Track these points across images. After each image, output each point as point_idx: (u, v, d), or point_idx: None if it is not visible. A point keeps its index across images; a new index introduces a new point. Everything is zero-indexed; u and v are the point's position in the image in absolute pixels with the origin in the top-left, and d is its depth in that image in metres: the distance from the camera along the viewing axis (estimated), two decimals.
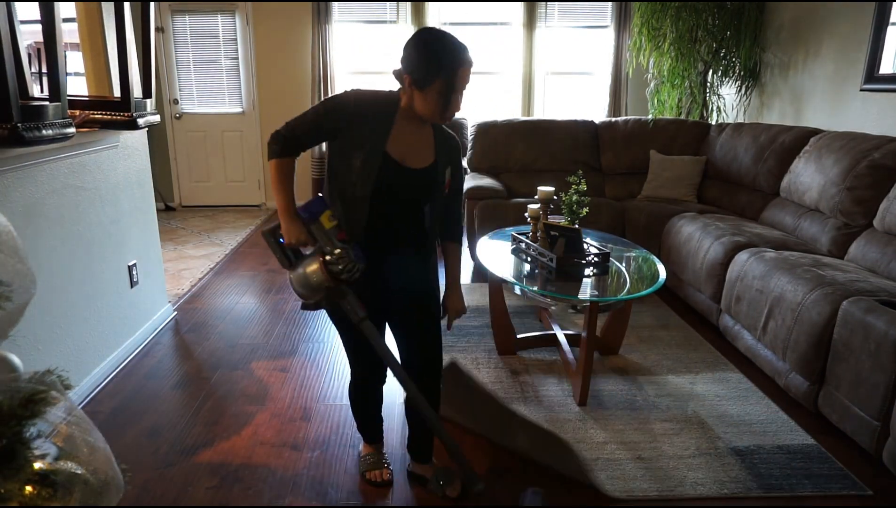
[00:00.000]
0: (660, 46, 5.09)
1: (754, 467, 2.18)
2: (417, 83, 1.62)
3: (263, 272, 4.33)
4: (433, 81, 1.60)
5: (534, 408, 2.54)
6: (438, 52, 1.60)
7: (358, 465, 2.17)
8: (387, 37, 6.02)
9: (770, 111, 4.91)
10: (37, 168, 2.31)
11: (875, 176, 3.02)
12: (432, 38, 1.62)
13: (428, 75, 1.60)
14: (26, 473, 0.80)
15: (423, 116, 1.68)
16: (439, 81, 1.60)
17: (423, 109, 1.65)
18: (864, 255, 2.94)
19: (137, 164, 3.15)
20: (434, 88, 1.61)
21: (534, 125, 4.89)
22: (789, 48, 4.62)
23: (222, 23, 6.00)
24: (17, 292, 0.91)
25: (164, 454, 2.23)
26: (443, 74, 1.59)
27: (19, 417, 0.79)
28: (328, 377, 2.83)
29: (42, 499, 0.80)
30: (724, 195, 4.31)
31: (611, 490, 2.05)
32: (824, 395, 2.38)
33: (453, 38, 1.61)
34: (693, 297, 3.53)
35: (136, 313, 3.11)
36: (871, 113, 3.73)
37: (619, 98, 6.02)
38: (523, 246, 3.01)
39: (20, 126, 1.83)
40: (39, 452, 0.83)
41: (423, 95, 1.62)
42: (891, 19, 3.58)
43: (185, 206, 6.47)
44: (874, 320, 2.13)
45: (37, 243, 2.31)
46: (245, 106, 6.22)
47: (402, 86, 1.68)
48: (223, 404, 2.58)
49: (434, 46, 1.60)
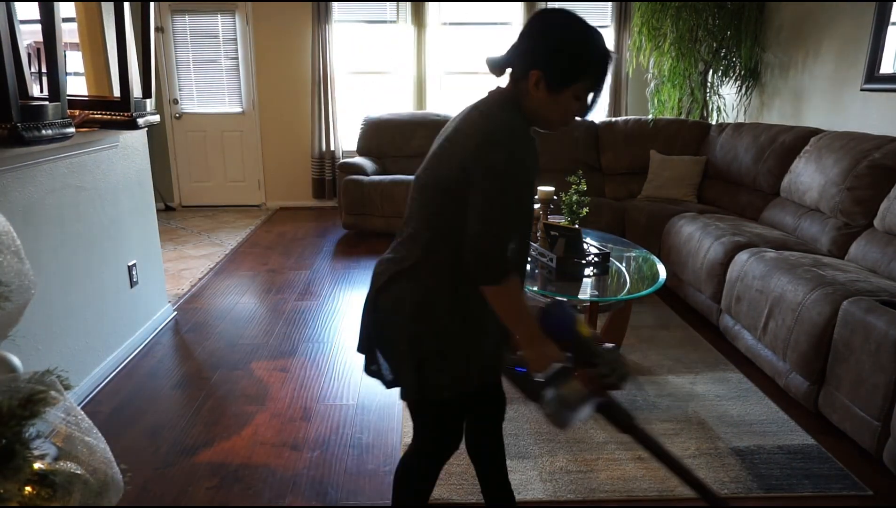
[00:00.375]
0: (660, 46, 5.09)
1: (754, 467, 2.18)
2: (554, 83, 1.25)
3: (263, 272, 4.33)
4: (577, 80, 1.25)
5: (534, 408, 2.54)
6: (587, 43, 1.25)
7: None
8: (387, 37, 6.02)
9: (770, 111, 4.91)
10: (36, 168, 2.31)
11: (875, 176, 3.02)
12: (574, 24, 1.26)
13: (571, 73, 1.25)
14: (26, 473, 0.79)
15: (543, 124, 1.33)
16: (584, 81, 1.26)
17: (550, 116, 1.30)
18: (865, 255, 2.94)
19: (137, 164, 3.15)
20: (573, 91, 1.27)
21: None
22: (789, 48, 4.62)
23: (222, 23, 6.00)
24: (17, 292, 0.91)
25: (164, 454, 2.23)
26: (591, 71, 1.26)
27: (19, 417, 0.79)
28: (328, 377, 2.83)
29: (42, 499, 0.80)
30: (725, 195, 4.31)
31: (611, 490, 2.05)
32: (824, 395, 2.38)
33: (591, 26, 1.28)
34: (693, 297, 3.52)
35: (136, 314, 3.11)
36: (871, 113, 3.72)
37: (619, 98, 6.02)
38: None
39: (20, 126, 1.83)
40: (39, 452, 0.83)
41: (557, 98, 1.27)
42: (891, 19, 3.57)
43: (185, 206, 6.46)
44: (874, 320, 2.13)
45: (37, 243, 2.31)
46: (245, 106, 6.22)
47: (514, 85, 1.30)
48: (223, 404, 2.58)
49: (580, 37, 1.25)
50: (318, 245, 5.03)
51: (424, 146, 5.66)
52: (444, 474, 2.10)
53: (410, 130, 5.62)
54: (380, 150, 5.66)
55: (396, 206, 5.04)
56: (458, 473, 2.11)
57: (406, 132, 5.62)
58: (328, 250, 4.91)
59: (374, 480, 2.11)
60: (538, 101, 1.28)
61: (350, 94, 6.21)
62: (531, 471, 2.14)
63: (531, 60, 1.25)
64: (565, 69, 1.24)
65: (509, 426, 2.41)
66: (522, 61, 1.27)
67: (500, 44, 6.29)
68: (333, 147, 6.16)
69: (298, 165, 6.36)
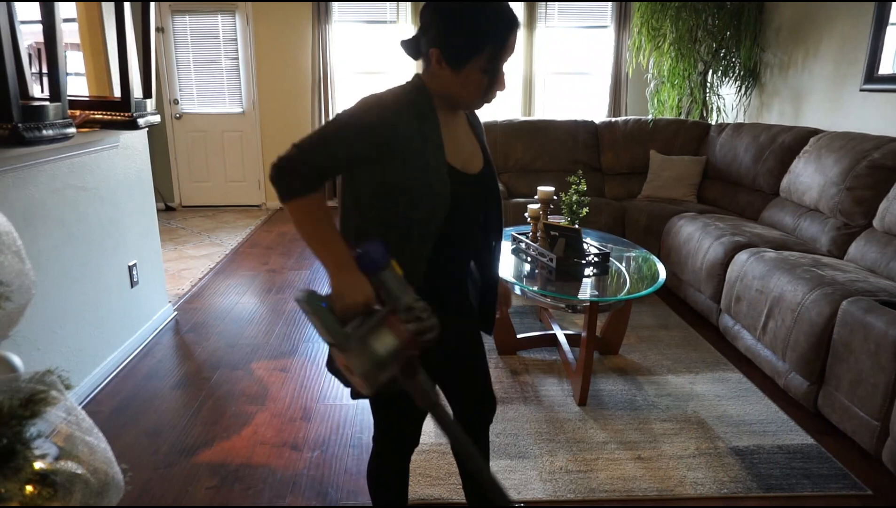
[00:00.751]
0: (660, 46, 5.09)
1: (754, 467, 2.18)
2: (453, 60, 1.21)
3: (263, 272, 4.33)
4: (476, 54, 1.20)
5: (534, 408, 2.54)
6: (481, 14, 1.19)
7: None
8: (387, 37, 6.02)
9: (770, 111, 4.91)
10: (37, 168, 2.31)
11: (875, 176, 3.02)
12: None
13: (468, 48, 1.20)
14: (26, 473, 0.80)
15: (457, 102, 1.29)
16: (485, 54, 1.21)
17: (460, 92, 1.26)
18: (864, 255, 2.94)
19: (137, 164, 3.15)
20: (477, 64, 1.21)
21: (534, 125, 4.89)
22: (789, 48, 4.62)
23: (222, 23, 6.00)
24: (17, 292, 0.91)
25: (164, 454, 2.23)
26: (489, 43, 1.20)
27: (19, 417, 0.79)
28: (328, 377, 2.83)
29: (42, 499, 0.80)
30: (724, 195, 4.31)
31: (610, 489, 2.06)
32: (824, 395, 2.38)
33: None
34: (693, 297, 3.53)
35: (137, 314, 3.11)
36: (870, 113, 3.73)
37: (619, 98, 6.02)
38: (523, 246, 3.01)
39: (20, 126, 1.83)
40: (39, 452, 0.83)
41: (461, 74, 1.22)
42: (891, 19, 3.58)
43: (185, 206, 6.47)
44: (874, 320, 2.13)
45: (37, 243, 2.31)
46: (245, 106, 6.23)
47: (425, 66, 1.28)
48: (223, 404, 2.58)
49: (472, 9, 1.19)
50: None
51: None
52: (444, 473, 2.11)
53: None
54: None
55: None
56: (458, 473, 2.11)
57: None
58: None
59: None
60: (444, 79, 1.25)
61: (350, 94, 6.22)
62: (531, 471, 2.14)
63: (433, 39, 1.22)
64: (460, 45, 1.20)
65: (509, 426, 2.41)
66: (424, 42, 1.24)
67: None
68: None
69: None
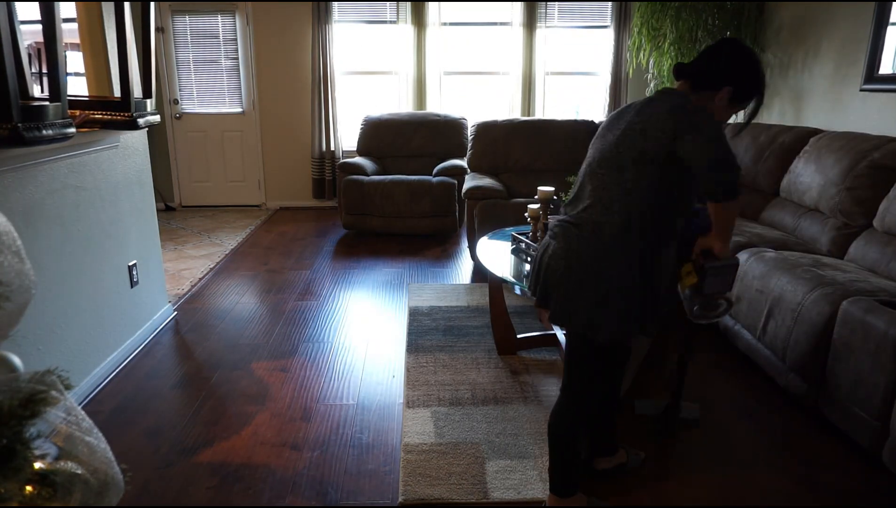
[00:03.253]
0: (660, 46, 5.09)
1: None
2: (737, 98, 1.61)
3: (263, 272, 4.33)
4: (752, 98, 1.62)
5: (534, 408, 2.54)
6: (761, 75, 1.61)
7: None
8: (387, 37, 6.02)
9: (770, 111, 4.91)
10: (37, 168, 2.31)
11: (875, 176, 3.02)
12: (755, 55, 1.62)
13: (751, 92, 1.61)
14: (26, 473, 0.80)
15: None
16: (756, 100, 1.62)
17: (715, 116, 1.63)
18: (864, 255, 2.94)
19: (137, 164, 3.15)
20: (742, 105, 1.63)
21: (534, 125, 4.89)
22: (789, 48, 4.62)
23: (222, 23, 6.00)
24: (17, 292, 0.91)
25: (164, 454, 2.24)
26: (757, 96, 1.62)
27: (19, 417, 0.79)
28: (328, 377, 2.83)
29: (42, 499, 0.80)
30: None
31: None
32: (824, 395, 2.38)
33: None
34: None
35: (137, 314, 3.11)
36: (870, 113, 3.73)
37: (619, 98, 6.02)
38: (523, 246, 3.01)
39: (20, 126, 1.83)
40: (39, 452, 0.83)
41: (729, 108, 1.63)
42: (891, 19, 3.57)
43: (185, 206, 6.47)
44: (874, 320, 2.13)
45: (37, 243, 2.32)
46: (245, 106, 6.22)
47: (695, 87, 1.62)
48: (223, 404, 2.58)
49: (760, 66, 1.60)
50: (318, 245, 5.03)
51: (424, 146, 5.67)
52: (444, 474, 2.11)
53: (410, 130, 5.63)
54: (380, 150, 5.67)
55: (396, 206, 5.04)
56: (457, 473, 2.11)
57: (406, 132, 5.63)
58: (328, 250, 4.91)
59: (374, 480, 2.11)
60: (714, 104, 1.61)
61: (350, 94, 6.22)
62: (531, 471, 2.14)
63: (728, 79, 1.58)
64: (747, 91, 1.60)
65: (509, 426, 2.41)
66: (719, 75, 1.58)
67: (500, 44, 6.21)
68: (333, 147, 6.16)
69: (298, 165, 6.37)
